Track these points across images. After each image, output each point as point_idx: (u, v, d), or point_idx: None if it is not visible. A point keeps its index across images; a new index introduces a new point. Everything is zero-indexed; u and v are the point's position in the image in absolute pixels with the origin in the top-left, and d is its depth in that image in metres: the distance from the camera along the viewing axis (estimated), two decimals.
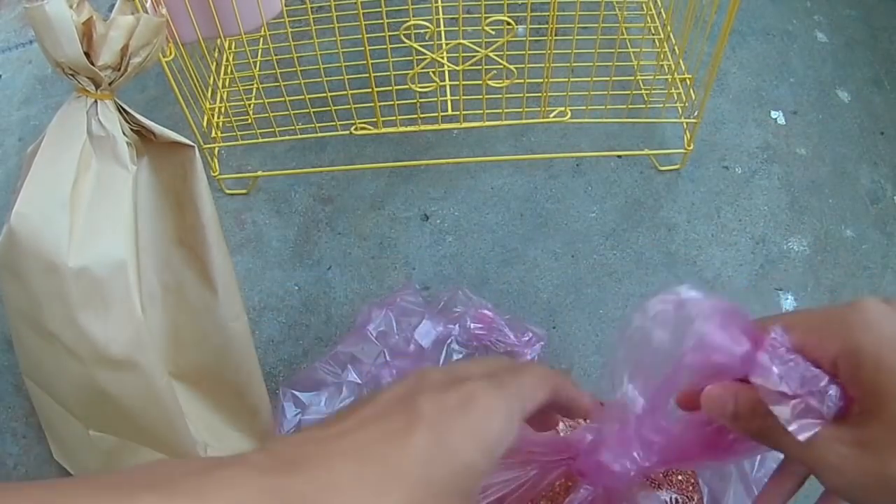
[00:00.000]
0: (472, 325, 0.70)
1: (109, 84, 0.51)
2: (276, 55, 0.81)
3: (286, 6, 0.77)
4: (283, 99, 0.80)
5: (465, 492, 0.27)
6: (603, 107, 0.82)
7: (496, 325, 0.70)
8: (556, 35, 0.75)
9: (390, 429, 0.27)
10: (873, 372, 0.29)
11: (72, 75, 0.50)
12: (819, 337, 0.30)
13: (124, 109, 0.53)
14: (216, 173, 0.86)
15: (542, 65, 0.76)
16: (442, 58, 0.75)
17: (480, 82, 0.76)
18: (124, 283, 0.51)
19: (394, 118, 0.80)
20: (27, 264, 0.50)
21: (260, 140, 0.84)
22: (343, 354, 0.69)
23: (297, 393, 0.67)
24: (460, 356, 0.69)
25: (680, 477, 0.54)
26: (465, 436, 0.27)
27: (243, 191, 0.88)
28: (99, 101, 0.51)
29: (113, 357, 0.52)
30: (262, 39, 0.95)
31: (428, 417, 0.27)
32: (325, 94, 0.78)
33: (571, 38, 0.79)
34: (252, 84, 0.92)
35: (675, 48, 0.86)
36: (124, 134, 0.52)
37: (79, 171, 0.50)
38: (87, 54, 0.49)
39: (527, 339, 0.71)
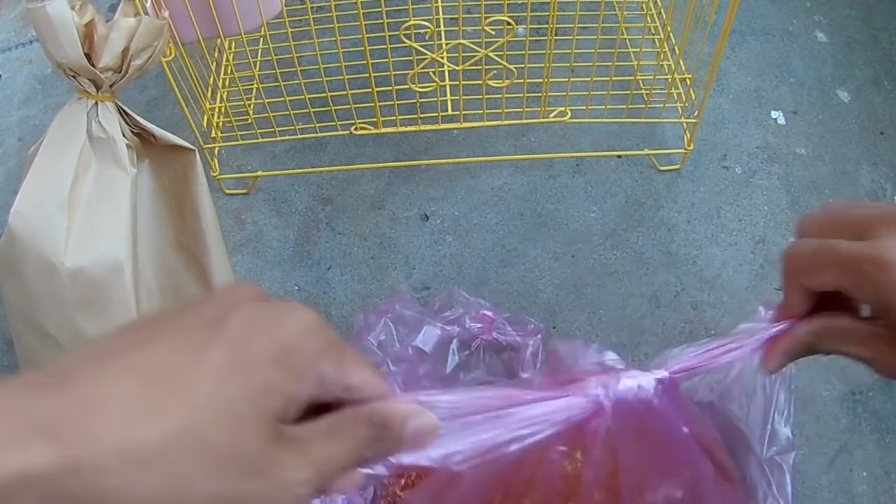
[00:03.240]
0: (472, 326, 0.70)
1: (110, 86, 0.51)
2: (276, 55, 0.81)
3: (286, 6, 0.77)
4: (283, 99, 0.80)
5: (265, 415, 0.24)
6: (603, 107, 0.82)
7: (497, 323, 0.71)
8: (556, 35, 0.75)
9: (186, 343, 0.24)
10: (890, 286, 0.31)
11: (73, 76, 0.50)
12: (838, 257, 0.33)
13: (125, 112, 0.53)
14: (216, 173, 0.86)
15: (542, 65, 0.76)
16: (442, 58, 0.75)
17: (480, 82, 0.76)
18: (121, 284, 0.51)
19: (394, 118, 0.80)
20: (25, 264, 0.50)
21: (260, 140, 0.84)
22: None
23: None
24: (464, 356, 0.69)
25: None
26: (272, 353, 0.25)
27: (243, 191, 0.88)
28: (99, 103, 0.51)
29: None
30: (262, 39, 0.95)
31: (231, 332, 0.25)
32: (325, 94, 0.78)
33: (571, 38, 0.79)
34: (252, 84, 0.92)
35: (675, 48, 0.86)
36: (125, 136, 0.53)
37: (78, 172, 0.50)
38: (88, 56, 0.49)
39: (528, 330, 0.71)
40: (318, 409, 0.27)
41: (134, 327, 0.25)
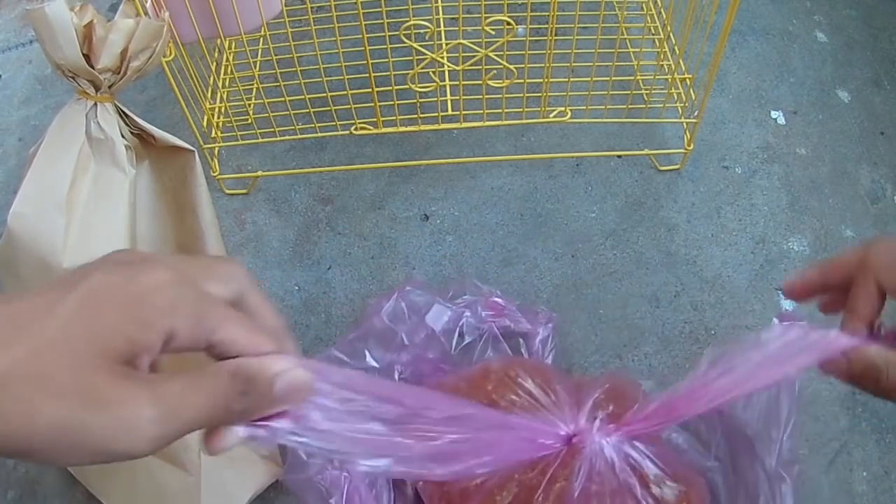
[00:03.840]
0: (483, 313, 0.70)
1: (109, 87, 0.51)
2: (276, 55, 0.81)
3: (286, 6, 0.77)
4: (283, 99, 0.80)
5: (112, 357, 0.26)
6: (603, 107, 0.82)
7: (507, 310, 0.70)
8: (556, 35, 0.75)
9: (48, 297, 0.26)
10: None
11: (72, 77, 0.50)
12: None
13: (124, 113, 0.53)
14: (216, 173, 0.86)
15: (542, 65, 0.76)
16: (442, 58, 0.75)
17: (480, 82, 0.76)
18: None
19: (394, 118, 0.80)
20: (24, 264, 0.50)
21: (260, 140, 0.84)
22: (358, 340, 0.68)
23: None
24: (471, 339, 0.69)
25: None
26: (121, 302, 0.26)
27: (243, 191, 0.88)
28: (99, 104, 0.51)
29: None
30: (262, 39, 0.95)
31: (88, 285, 0.27)
32: (325, 94, 0.78)
33: (571, 38, 0.79)
34: (252, 84, 0.92)
35: (675, 48, 0.86)
36: (124, 137, 0.52)
37: (76, 172, 0.50)
38: (87, 57, 0.49)
39: (538, 318, 0.71)
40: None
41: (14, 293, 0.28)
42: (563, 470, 0.51)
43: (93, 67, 0.49)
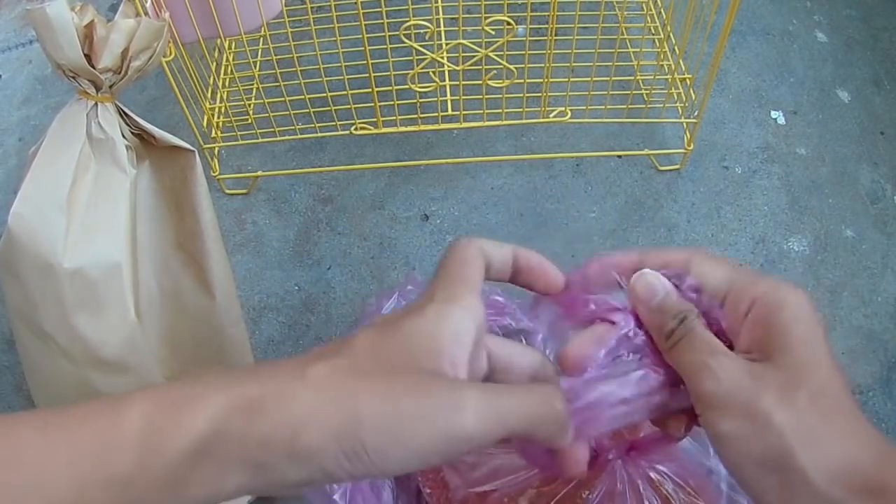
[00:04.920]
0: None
1: (110, 87, 0.51)
2: (276, 55, 0.81)
3: (286, 6, 0.77)
4: (283, 99, 0.80)
5: (424, 355, 0.28)
6: (603, 107, 0.82)
7: (508, 309, 0.70)
8: (556, 35, 0.75)
9: (329, 354, 0.29)
10: (789, 323, 0.30)
11: (73, 77, 0.50)
12: (747, 281, 0.32)
13: (125, 112, 0.53)
14: (216, 173, 0.86)
15: (542, 65, 0.76)
16: (442, 58, 0.75)
17: (480, 82, 0.76)
18: (119, 285, 0.51)
19: (394, 118, 0.80)
20: (24, 264, 0.50)
21: (260, 140, 0.84)
22: None
23: None
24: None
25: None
26: (407, 316, 0.29)
27: (243, 191, 0.88)
28: (99, 104, 0.51)
29: (106, 359, 0.52)
30: (262, 39, 0.95)
31: (374, 321, 0.30)
32: (325, 94, 0.78)
33: (571, 38, 0.79)
34: (252, 84, 0.92)
35: (675, 48, 0.86)
36: (124, 137, 0.52)
37: (77, 172, 0.50)
38: (88, 57, 0.49)
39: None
40: None
41: None
42: (578, 490, 0.51)
43: (93, 67, 0.49)
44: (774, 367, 0.30)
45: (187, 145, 0.55)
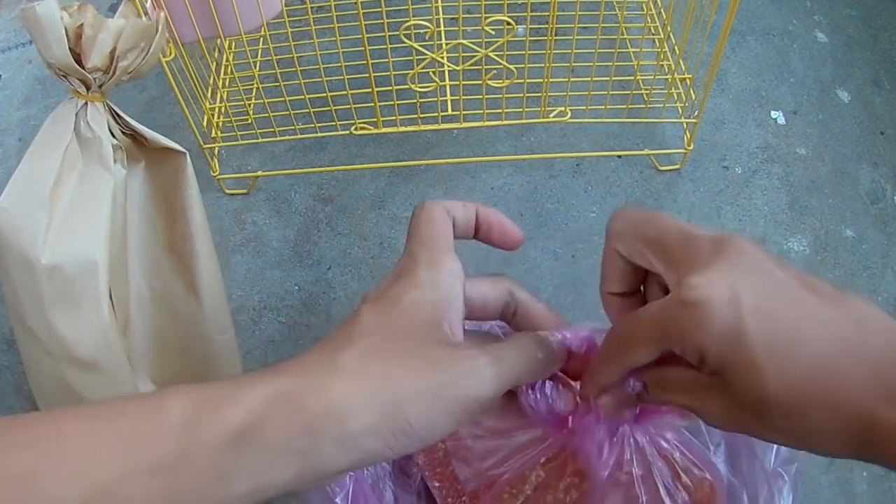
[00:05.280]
0: None
1: (99, 87, 0.51)
2: (276, 55, 0.81)
3: (286, 6, 0.77)
4: (283, 99, 0.80)
5: (427, 325, 0.31)
6: (603, 107, 0.82)
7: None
8: (556, 35, 0.75)
9: (346, 320, 0.32)
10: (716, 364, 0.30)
11: (63, 76, 0.50)
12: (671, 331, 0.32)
13: (116, 113, 0.53)
14: (216, 173, 0.86)
15: (542, 65, 0.76)
16: (442, 58, 0.75)
17: (480, 82, 0.76)
18: (94, 284, 0.51)
19: (394, 118, 0.80)
20: (9, 259, 0.50)
21: (260, 140, 0.84)
22: None
23: None
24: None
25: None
26: (400, 287, 0.32)
27: (243, 191, 0.88)
28: (89, 103, 0.51)
29: (80, 357, 0.52)
30: (262, 39, 0.95)
31: (368, 297, 0.33)
32: (325, 94, 0.78)
33: (571, 38, 0.79)
34: (252, 84, 0.92)
35: (675, 48, 0.86)
36: (114, 137, 0.52)
37: (62, 170, 0.50)
38: (77, 56, 0.49)
39: None
40: None
41: None
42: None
43: (82, 67, 0.49)
44: (732, 395, 0.31)
45: (179, 147, 0.55)
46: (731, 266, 0.30)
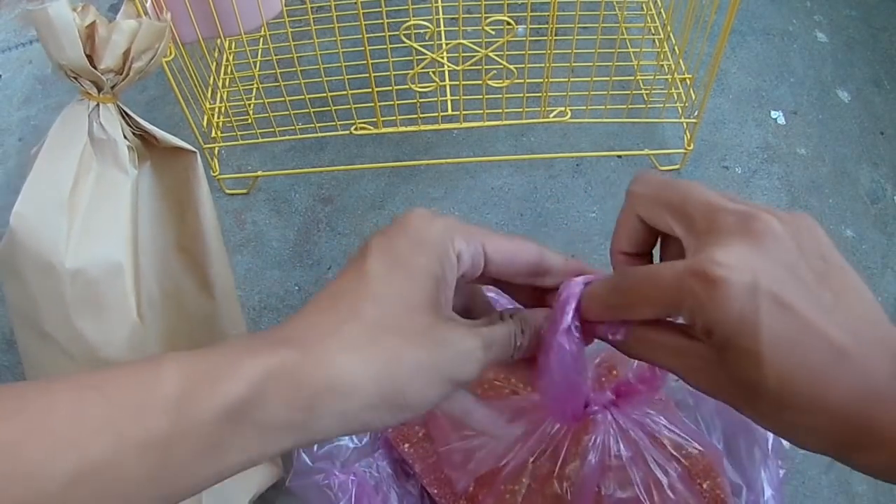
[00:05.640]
0: None
1: (112, 88, 0.51)
2: (276, 55, 0.81)
3: (286, 6, 0.77)
4: (283, 99, 0.80)
5: (429, 298, 0.31)
6: (603, 107, 0.82)
7: (499, 305, 0.70)
8: (556, 35, 0.75)
9: (351, 269, 0.32)
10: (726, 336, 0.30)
11: (74, 78, 0.50)
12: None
13: (126, 113, 0.53)
14: (216, 173, 0.86)
15: (542, 65, 0.76)
16: (442, 58, 0.75)
17: (480, 82, 0.76)
18: (120, 285, 0.51)
19: (394, 118, 0.80)
20: (26, 264, 0.50)
21: (260, 140, 0.84)
22: None
23: None
24: None
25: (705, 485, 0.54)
26: (411, 247, 0.31)
27: (243, 191, 0.88)
28: (101, 105, 0.51)
29: (106, 359, 0.52)
30: (262, 39, 0.95)
31: (376, 246, 0.32)
32: (325, 94, 0.78)
33: (571, 38, 0.79)
34: (252, 84, 0.92)
35: (675, 48, 0.86)
36: (126, 138, 0.52)
37: (78, 173, 0.50)
38: (89, 58, 0.49)
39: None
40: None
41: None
42: (576, 447, 0.51)
43: (95, 68, 0.49)
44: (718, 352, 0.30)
45: (189, 146, 0.55)
46: (757, 249, 0.29)
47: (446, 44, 0.76)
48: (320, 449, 0.59)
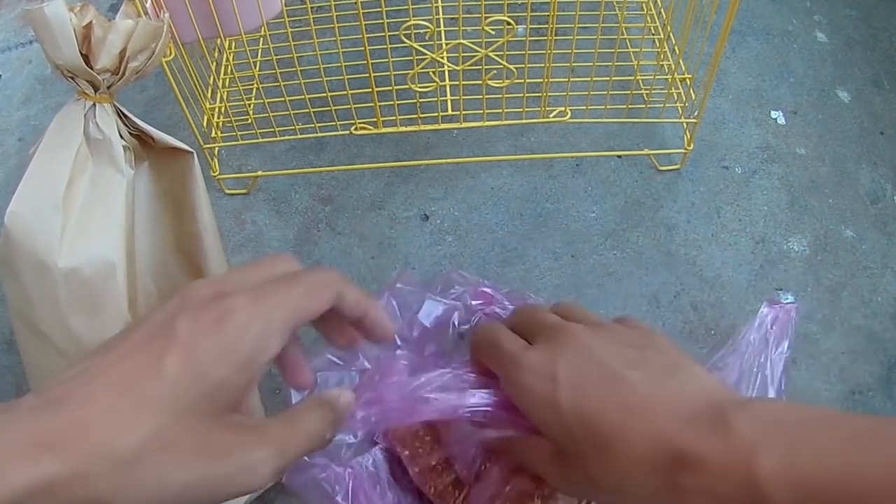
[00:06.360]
0: (472, 302, 0.70)
1: (108, 88, 0.51)
2: (276, 55, 0.81)
3: (286, 6, 0.77)
4: (283, 99, 0.80)
5: (221, 409, 0.29)
6: (603, 107, 0.82)
7: (496, 299, 0.70)
8: (556, 35, 0.75)
9: (146, 356, 0.29)
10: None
11: (71, 78, 0.50)
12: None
13: (123, 113, 0.53)
14: (216, 173, 0.86)
15: (542, 65, 0.76)
16: (442, 58, 0.75)
17: (480, 82, 0.76)
18: (114, 286, 0.51)
19: (394, 118, 0.80)
20: (21, 263, 0.50)
21: (260, 140, 0.84)
22: None
23: None
24: (464, 329, 0.69)
25: None
26: (217, 353, 0.29)
27: (243, 191, 0.88)
28: (97, 105, 0.51)
29: None
30: (262, 39, 0.95)
31: (181, 339, 0.29)
32: (325, 94, 0.78)
33: (571, 38, 0.79)
34: (252, 84, 0.92)
35: (675, 48, 0.86)
36: (122, 138, 0.52)
37: (74, 172, 0.50)
38: (86, 57, 0.49)
39: (528, 304, 0.71)
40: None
41: (106, 346, 0.31)
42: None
43: (91, 68, 0.49)
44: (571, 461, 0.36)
45: (186, 147, 0.55)
46: (557, 348, 0.37)
47: (446, 44, 0.76)
48: None
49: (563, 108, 0.81)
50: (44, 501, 0.25)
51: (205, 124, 0.83)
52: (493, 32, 0.71)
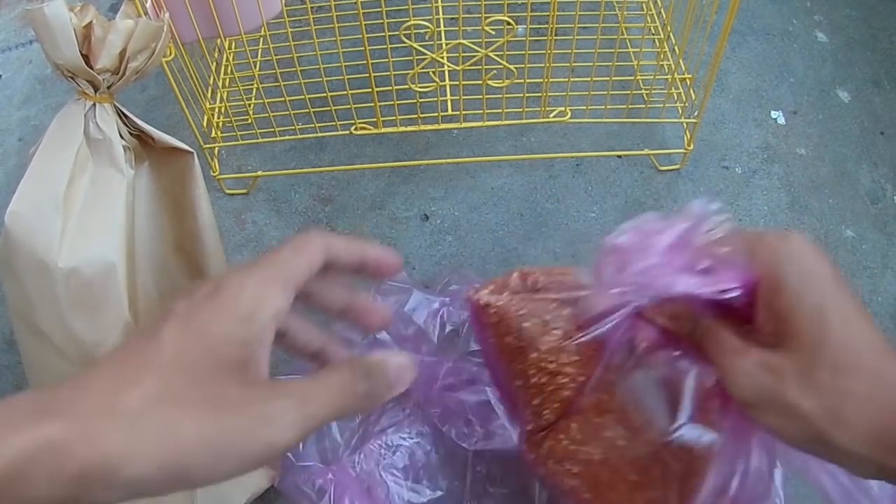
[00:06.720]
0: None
1: (108, 88, 0.51)
2: (276, 55, 0.81)
3: (286, 6, 0.77)
4: (283, 99, 0.80)
5: (231, 365, 0.28)
6: (603, 107, 0.82)
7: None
8: (556, 35, 0.75)
9: (146, 333, 0.29)
10: (791, 304, 0.33)
11: (71, 78, 0.50)
12: (748, 258, 0.35)
13: (123, 113, 0.53)
14: (216, 173, 0.86)
15: (542, 65, 0.76)
16: (442, 58, 0.75)
17: (480, 82, 0.76)
18: (114, 285, 0.51)
19: (394, 118, 0.80)
20: (21, 262, 0.50)
21: (260, 140, 0.84)
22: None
23: None
24: (454, 327, 0.69)
25: None
26: (214, 311, 0.29)
27: (243, 191, 0.88)
28: (97, 105, 0.51)
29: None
30: (262, 39, 0.95)
31: (178, 312, 0.29)
32: (325, 94, 0.78)
33: (571, 38, 0.79)
34: (252, 84, 0.92)
35: (675, 48, 0.86)
36: (122, 138, 0.52)
37: (74, 172, 0.50)
38: (86, 57, 0.49)
39: None
40: None
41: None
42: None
43: (91, 68, 0.49)
44: (788, 353, 0.32)
45: (186, 147, 0.55)
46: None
47: (446, 44, 0.76)
48: (305, 445, 0.59)
49: (563, 108, 0.81)
50: (48, 465, 0.25)
51: (205, 124, 0.83)
52: (493, 32, 0.71)
